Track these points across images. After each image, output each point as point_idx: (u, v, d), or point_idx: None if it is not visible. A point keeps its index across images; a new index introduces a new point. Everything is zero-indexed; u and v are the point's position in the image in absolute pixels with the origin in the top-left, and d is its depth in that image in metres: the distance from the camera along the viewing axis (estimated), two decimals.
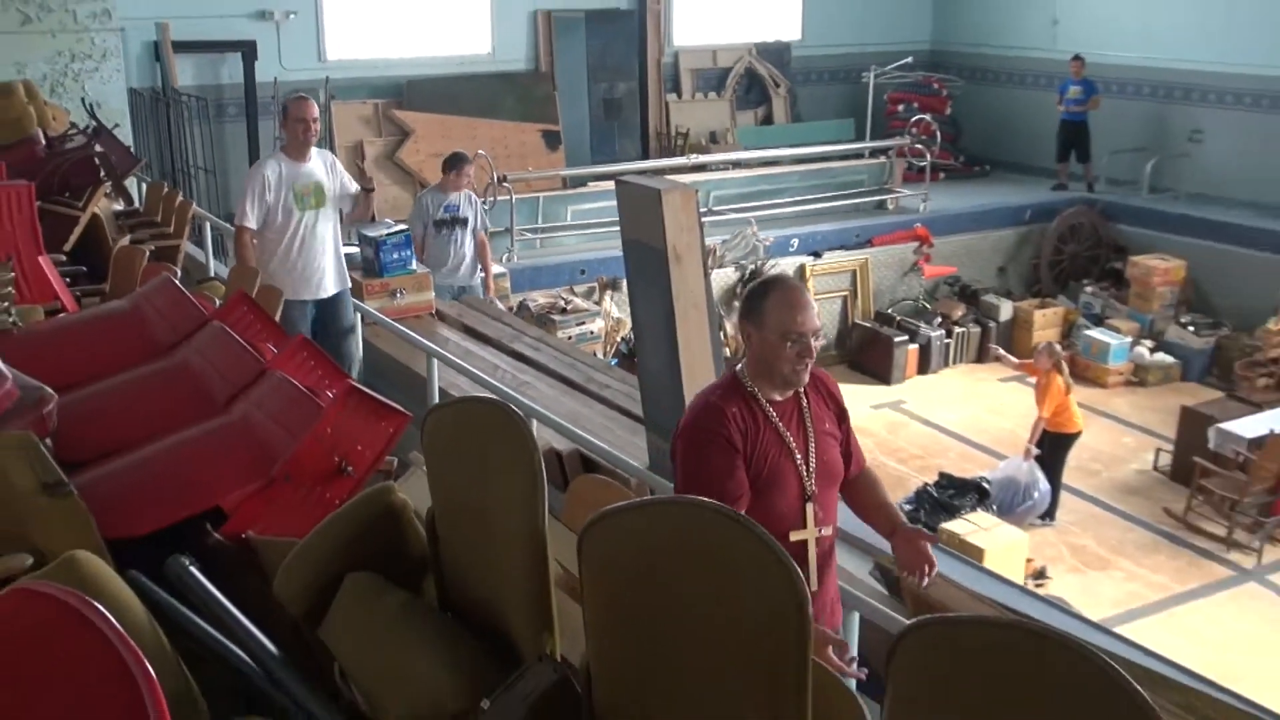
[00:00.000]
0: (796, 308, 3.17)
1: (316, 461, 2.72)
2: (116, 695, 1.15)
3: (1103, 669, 1.17)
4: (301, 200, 6.35)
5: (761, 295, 3.25)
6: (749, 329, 3.26)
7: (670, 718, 1.63)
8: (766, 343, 3.18)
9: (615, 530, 1.67)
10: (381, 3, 14.00)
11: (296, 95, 6.67)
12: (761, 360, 3.23)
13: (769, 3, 16.47)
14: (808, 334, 3.17)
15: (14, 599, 1.30)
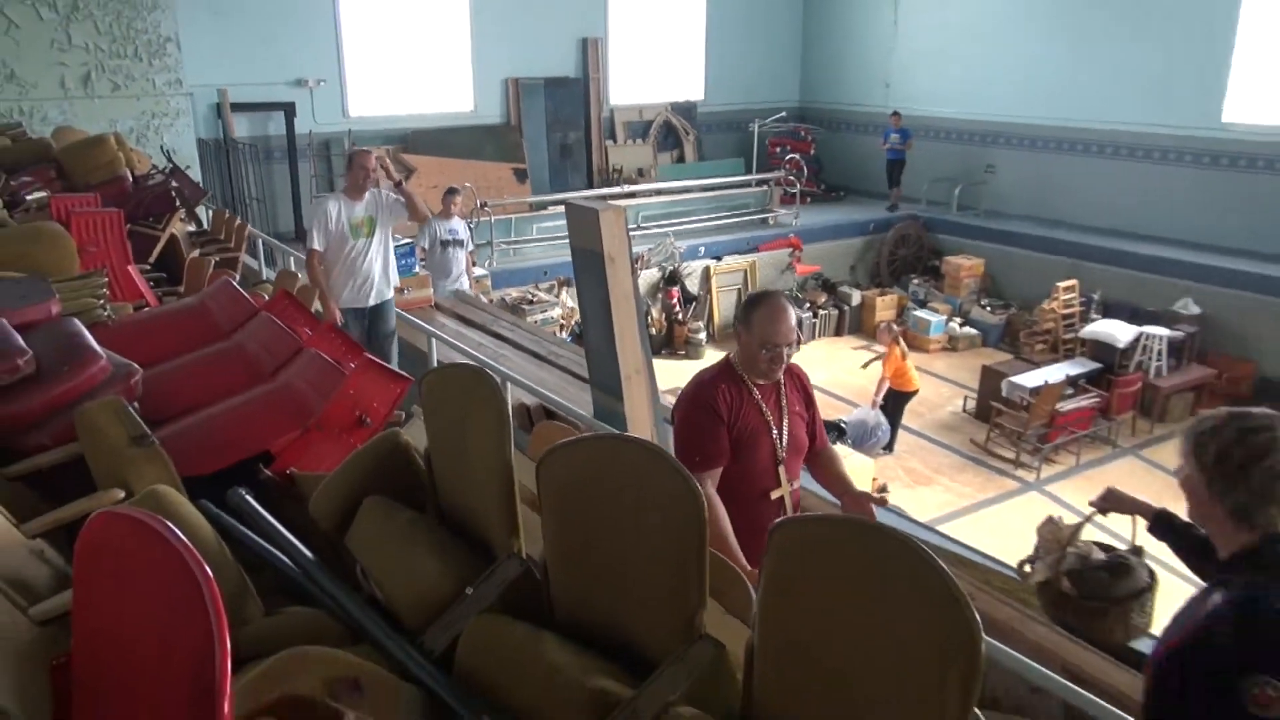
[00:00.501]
0: (775, 324, 3.06)
1: (342, 415, 2.68)
2: (182, 590, 1.12)
3: (915, 550, 1.17)
4: (356, 230, 6.23)
5: (753, 306, 3.13)
6: (740, 330, 3.16)
7: (605, 595, 1.62)
8: (749, 345, 3.10)
9: (563, 459, 1.66)
10: (389, 73, 13.82)
11: (362, 149, 6.57)
12: (745, 356, 3.14)
13: (680, 71, 16.40)
14: (781, 345, 3.08)
15: (100, 520, 1.26)
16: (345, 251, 6.24)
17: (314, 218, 6.33)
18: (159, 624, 1.18)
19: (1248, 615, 1.89)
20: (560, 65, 15.05)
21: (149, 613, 1.20)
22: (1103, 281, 12.57)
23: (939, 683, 1.16)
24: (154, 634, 1.18)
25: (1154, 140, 12.96)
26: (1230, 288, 11.56)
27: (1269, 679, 1.79)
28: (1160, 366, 11.10)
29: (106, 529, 1.25)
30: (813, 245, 14.45)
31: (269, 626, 1.80)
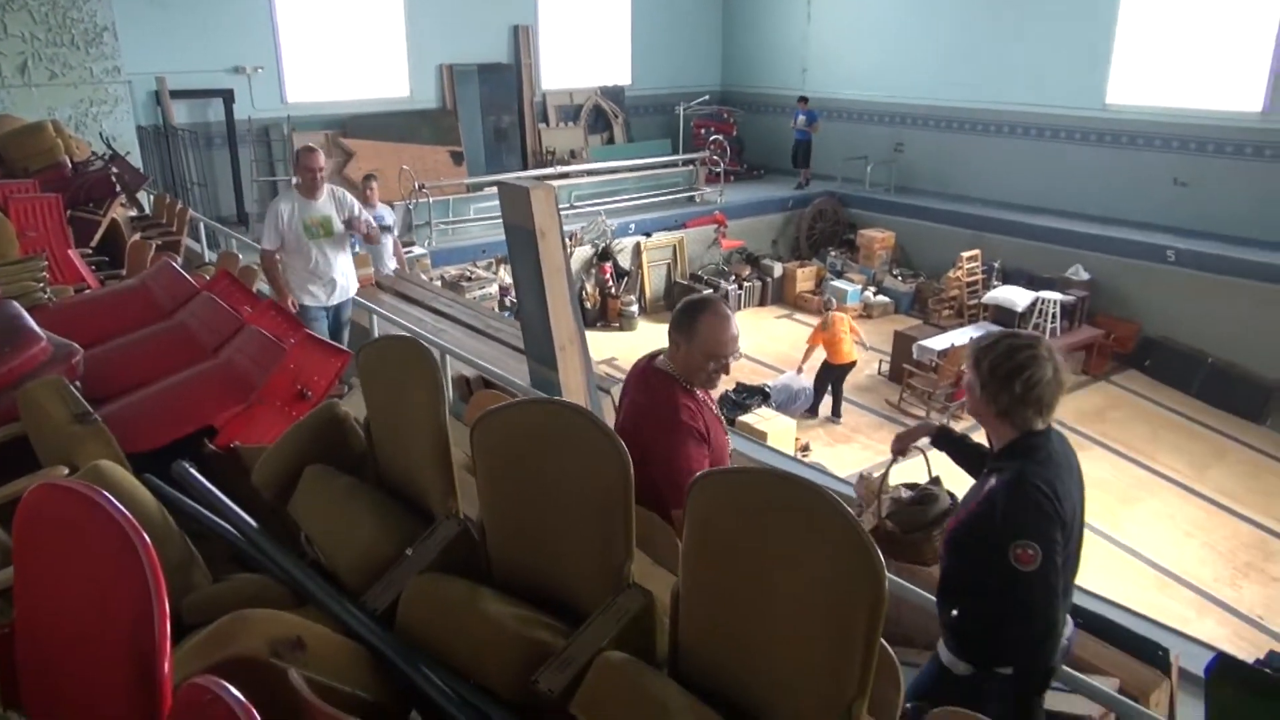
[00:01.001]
0: (722, 333, 2.66)
1: (283, 389, 2.62)
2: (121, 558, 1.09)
3: (825, 498, 1.19)
4: (310, 230, 5.70)
5: (694, 315, 2.67)
6: (679, 339, 2.68)
7: (539, 551, 1.62)
8: (692, 357, 2.66)
9: (496, 423, 1.65)
10: (326, 60, 13.45)
11: (306, 147, 5.96)
12: (685, 367, 2.69)
13: (608, 57, 16.26)
14: (729, 357, 2.72)
15: (38, 492, 1.22)
16: (302, 251, 5.75)
17: (266, 217, 5.89)
18: (99, 591, 1.14)
19: (1015, 491, 2.24)
20: (493, 52, 14.81)
21: (89, 581, 1.16)
22: (1002, 251, 12.84)
23: (848, 618, 1.18)
24: (94, 601, 1.15)
25: (1045, 120, 13.23)
26: (1116, 255, 11.90)
27: (1029, 541, 2.18)
28: (1055, 328, 11.39)
29: (45, 501, 1.21)
30: (737, 221, 14.49)
31: (215, 593, 1.77)
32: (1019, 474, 2.26)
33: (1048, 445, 2.33)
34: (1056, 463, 2.31)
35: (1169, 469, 9.30)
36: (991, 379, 2.32)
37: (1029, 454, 2.30)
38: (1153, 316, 11.64)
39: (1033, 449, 2.31)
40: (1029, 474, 2.25)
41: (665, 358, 2.78)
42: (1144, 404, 10.89)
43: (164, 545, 1.88)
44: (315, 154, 5.78)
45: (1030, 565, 2.18)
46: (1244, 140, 11.40)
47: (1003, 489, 2.27)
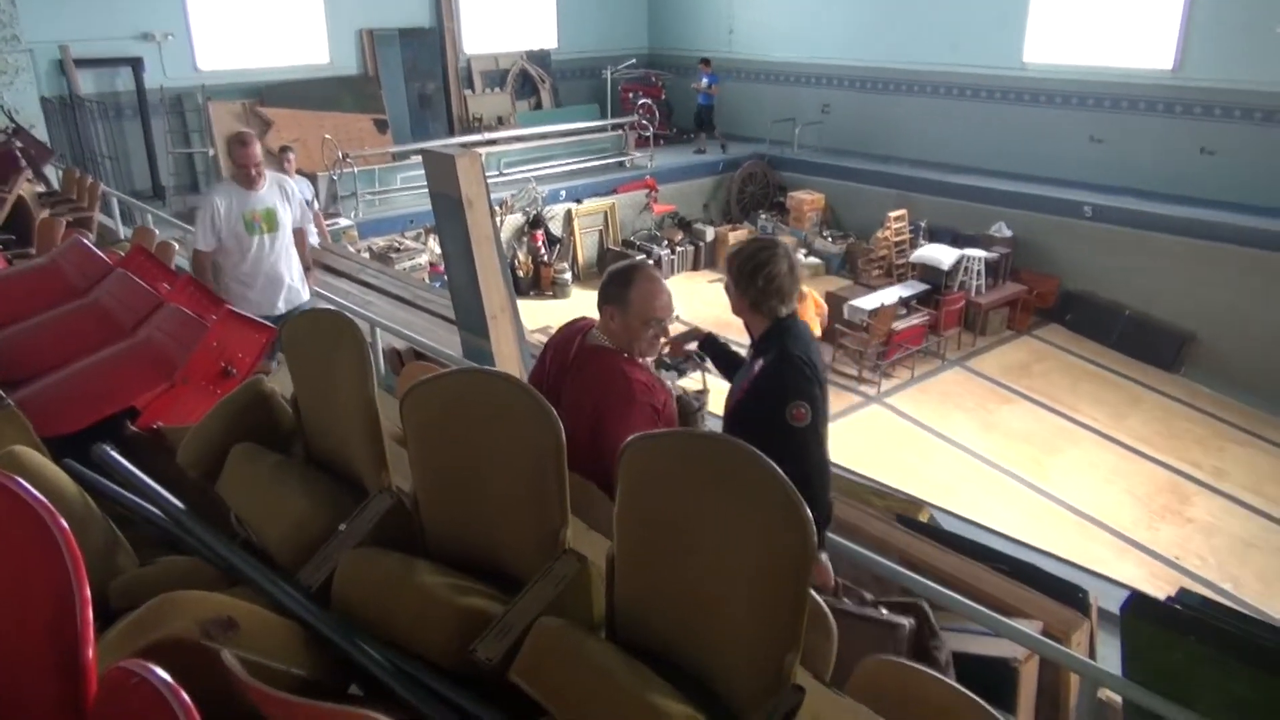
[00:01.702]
0: (657, 297, 2.64)
1: (207, 367, 2.56)
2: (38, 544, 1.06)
3: (752, 456, 1.21)
4: (251, 226, 5.00)
5: (625, 283, 2.63)
6: (613, 311, 2.63)
7: (473, 520, 1.62)
8: (629, 326, 2.62)
9: (425, 394, 1.64)
10: (240, 25, 13.00)
11: (238, 135, 5.16)
12: (622, 337, 2.65)
13: (533, 21, 16.01)
14: (665, 319, 2.69)
15: None
16: (241, 251, 5.02)
17: (199, 213, 5.11)
18: (17, 580, 1.11)
19: (782, 364, 2.72)
20: (414, 15, 14.47)
21: (6, 569, 1.13)
22: (928, 210, 13.06)
23: (777, 574, 1.20)
24: (12, 590, 1.12)
25: (966, 79, 13.44)
26: (1036, 211, 12.20)
27: (801, 401, 2.67)
28: (980, 285, 11.67)
29: None
30: (667, 185, 14.47)
31: (142, 576, 1.73)
32: (781, 350, 2.74)
33: (795, 326, 2.83)
34: (806, 339, 2.84)
35: (1089, 418, 9.64)
36: (741, 276, 2.81)
37: (783, 335, 2.79)
38: (1073, 271, 11.98)
39: (785, 330, 2.81)
40: (790, 348, 2.75)
41: (598, 331, 2.71)
42: (1065, 356, 11.25)
43: (86, 531, 1.83)
44: (250, 146, 5.01)
45: (803, 421, 2.69)
46: (1156, 97, 11.73)
47: (772, 364, 2.73)
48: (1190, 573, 7.23)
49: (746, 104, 16.10)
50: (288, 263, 5.19)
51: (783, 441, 2.63)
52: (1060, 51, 12.51)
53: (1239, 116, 11.09)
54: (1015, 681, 2.89)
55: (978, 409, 9.92)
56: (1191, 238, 10.82)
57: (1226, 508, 8.21)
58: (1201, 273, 10.72)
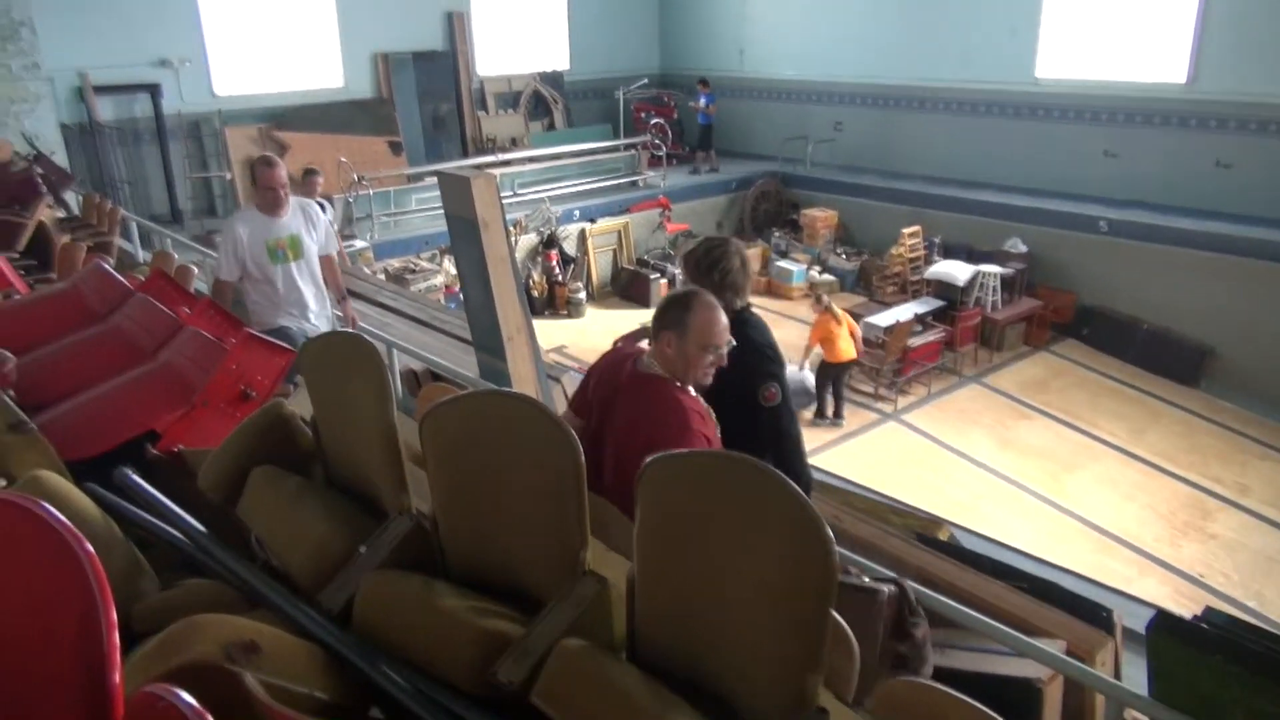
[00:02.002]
0: (716, 324, 2.58)
1: (226, 390, 2.57)
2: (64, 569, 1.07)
3: (773, 477, 1.21)
4: (275, 254, 4.84)
5: (685, 309, 2.57)
6: (669, 337, 2.57)
7: (494, 542, 1.62)
8: (687, 353, 2.56)
9: (444, 416, 1.64)
10: (256, 51, 13.17)
11: (263, 157, 4.99)
12: (677, 364, 2.58)
13: (545, 42, 16.14)
14: (724, 346, 2.62)
15: None
16: (267, 279, 4.86)
17: (221, 242, 4.96)
18: (43, 604, 1.12)
19: (749, 352, 2.90)
20: (427, 39, 14.62)
21: (31, 595, 1.14)
22: (942, 226, 13.05)
23: (800, 597, 1.20)
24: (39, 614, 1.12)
25: (978, 95, 13.46)
26: (1051, 226, 12.18)
27: (771, 383, 2.96)
28: (995, 301, 11.63)
29: None
30: (681, 204, 14.53)
31: (165, 600, 1.73)
32: (745, 340, 2.90)
33: (753, 318, 3.10)
34: (764, 328, 3.12)
35: (1108, 434, 9.57)
36: (697, 272, 3.05)
37: (744, 325, 2.98)
38: (1089, 286, 11.93)
39: (745, 322, 3.03)
40: (752, 337, 2.99)
41: (649, 359, 2.65)
42: (1083, 372, 11.19)
43: (109, 554, 1.84)
44: (276, 169, 4.86)
45: (775, 400, 2.97)
46: (1169, 111, 11.71)
47: (737, 353, 2.80)
48: (1214, 590, 7.15)
49: (758, 123, 16.16)
50: (313, 290, 5.06)
51: (759, 421, 2.98)
52: (1073, 66, 12.51)
53: (1255, 129, 11.05)
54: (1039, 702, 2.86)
55: (995, 425, 9.87)
56: (1209, 251, 10.77)
57: (1250, 524, 8.13)
58: (1220, 286, 10.65)
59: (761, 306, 11.02)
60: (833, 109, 15.32)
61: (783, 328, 11.92)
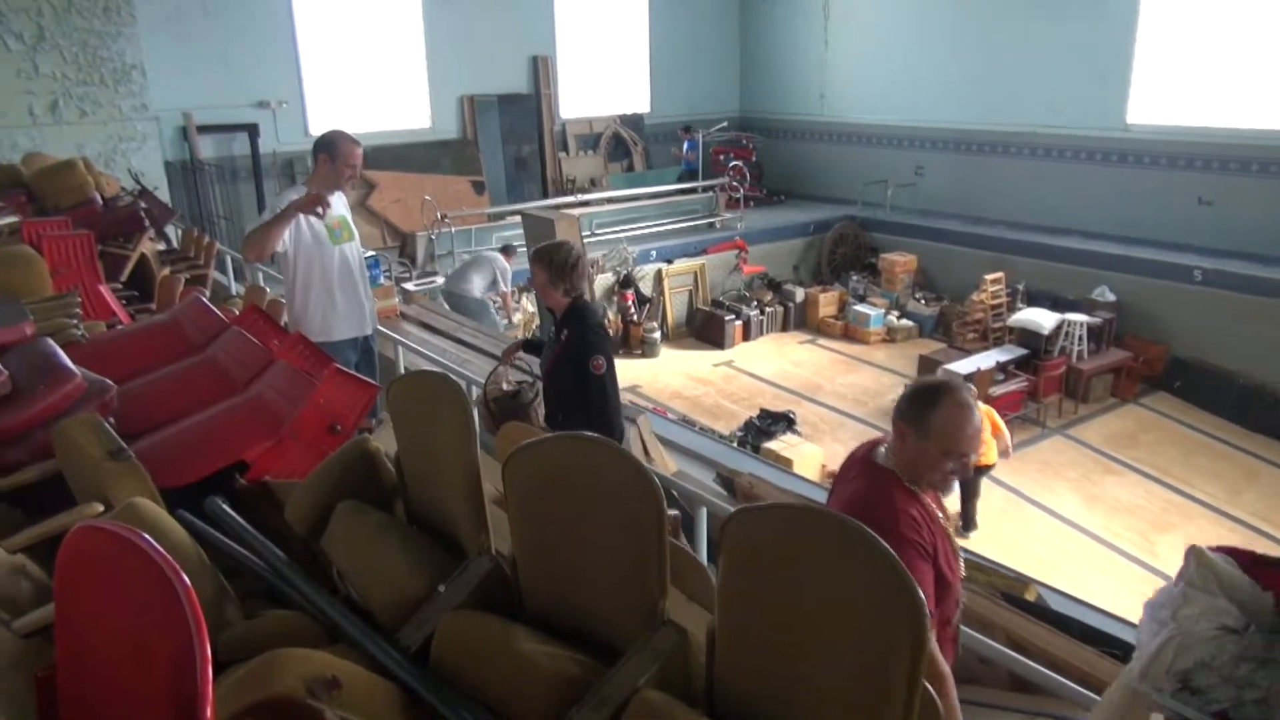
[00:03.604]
0: (966, 428, 2.31)
1: (314, 423, 2.63)
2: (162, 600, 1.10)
3: (862, 534, 1.18)
4: (334, 233, 4.62)
5: (931, 404, 2.32)
6: (907, 431, 2.34)
7: (572, 587, 1.61)
8: (925, 453, 2.32)
9: (528, 458, 1.65)
10: (349, 92, 13.67)
11: (345, 135, 4.62)
12: (913, 465, 2.35)
13: (627, 86, 16.40)
14: (970, 455, 2.36)
15: (79, 534, 1.23)
16: (324, 264, 4.59)
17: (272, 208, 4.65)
18: (140, 633, 1.15)
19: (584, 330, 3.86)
20: (513, 82, 14.98)
21: (130, 623, 1.17)
22: (1026, 273, 12.78)
23: (889, 658, 1.16)
24: (136, 643, 1.15)
25: (1066, 141, 13.20)
26: (1142, 275, 11.81)
27: (599, 355, 3.80)
28: (1082, 351, 11.30)
29: (86, 542, 1.22)
30: (757, 246, 14.52)
31: (248, 630, 1.77)
32: (582, 321, 3.86)
33: (588, 306, 3.96)
34: (594, 310, 3.99)
35: (1202, 493, 9.17)
36: (550, 268, 3.87)
37: (582, 310, 3.91)
38: (1181, 337, 11.52)
39: (582, 308, 3.93)
40: (588, 317, 3.91)
41: (887, 450, 2.44)
42: (1175, 426, 10.76)
43: (199, 582, 1.88)
44: (359, 147, 4.63)
45: (601, 370, 3.81)
46: (1269, 158, 11.32)
47: (574, 332, 3.80)
48: None
49: (837, 166, 16.11)
50: (364, 278, 4.86)
51: (588, 386, 3.84)
52: (1165, 112, 12.20)
53: None
54: None
55: (1081, 480, 9.53)
56: None
57: None
58: None
59: (837, 350, 10.97)
60: (913, 153, 15.20)
61: (858, 372, 11.78)
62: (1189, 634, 1.65)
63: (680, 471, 5.44)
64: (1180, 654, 1.63)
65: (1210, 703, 1.62)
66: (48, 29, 10.06)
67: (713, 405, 11.32)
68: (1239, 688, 1.60)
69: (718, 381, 12.09)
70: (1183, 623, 1.67)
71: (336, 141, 4.56)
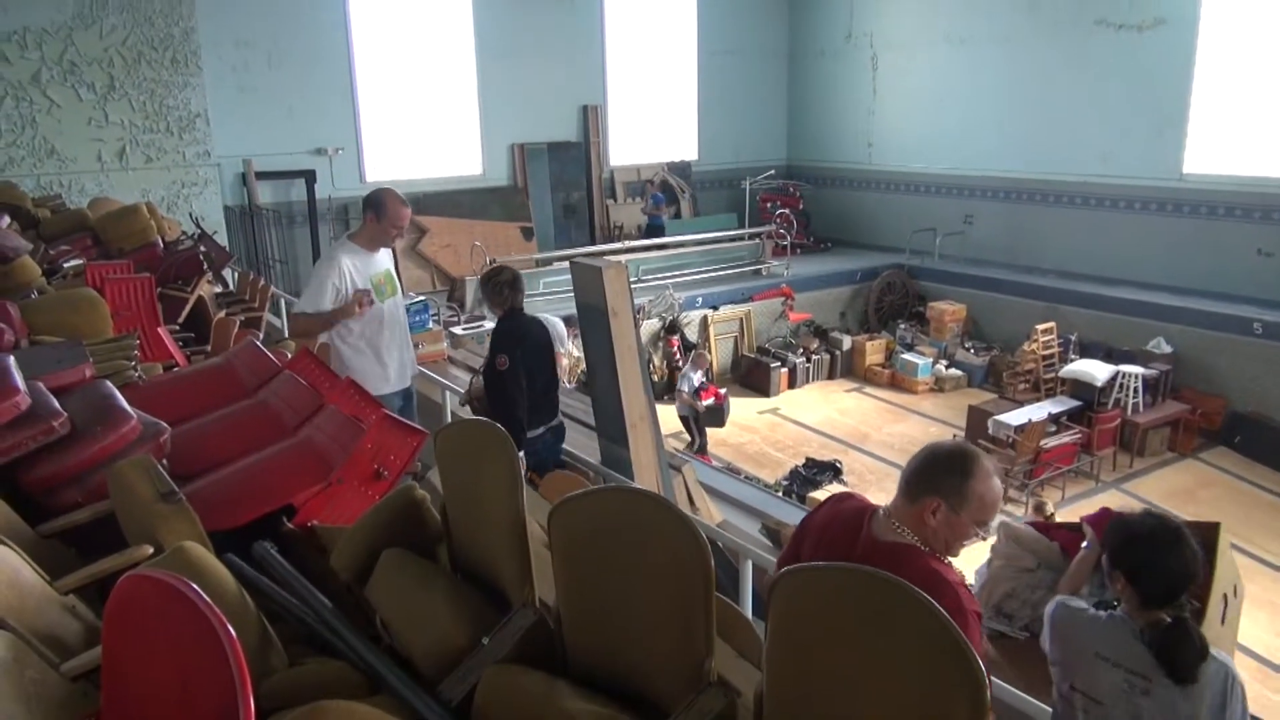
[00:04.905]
0: (998, 497, 2.24)
1: (361, 468, 2.65)
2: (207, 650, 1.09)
3: (917, 598, 1.15)
4: (379, 290, 4.67)
5: (964, 474, 2.20)
6: (937, 505, 2.20)
7: (617, 643, 1.59)
8: (959, 525, 2.21)
9: (574, 511, 1.64)
10: (404, 140, 13.97)
11: (395, 195, 4.75)
12: (941, 536, 2.23)
13: (675, 134, 16.57)
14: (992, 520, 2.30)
15: (128, 582, 1.24)
16: (375, 320, 4.66)
17: (316, 272, 4.73)
18: (185, 681, 1.15)
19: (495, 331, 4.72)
20: (563, 130, 15.21)
21: (176, 671, 1.17)
22: (1079, 323, 12.56)
23: None
24: (180, 691, 1.15)
25: (1120, 191, 13.03)
26: (1199, 327, 11.54)
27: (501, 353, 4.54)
28: (1137, 403, 11.04)
29: (134, 591, 1.23)
30: (804, 294, 14.47)
31: (291, 678, 1.76)
32: (497, 328, 4.67)
33: (518, 316, 4.69)
34: (524, 322, 4.73)
35: (1265, 551, 8.85)
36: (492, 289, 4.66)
37: (503, 320, 4.66)
38: (1240, 391, 11.21)
39: (506, 317, 4.66)
40: (500, 325, 4.67)
41: (893, 521, 2.26)
42: (1235, 483, 10.43)
43: (243, 629, 1.88)
44: (408, 209, 4.83)
45: (504, 366, 4.50)
46: None
47: (492, 337, 4.67)
48: None
49: (885, 214, 16.06)
50: (406, 329, 5.00)
51: (494, 379, 4.56)
52: (1223, 162, 11.99)
53: None
54: None
55: None
56: None
57: None
58: None
59: (884, 399, 10.87)
60: (962, 201, 15.11)
61: (906, 422, 11.62)
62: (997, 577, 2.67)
63: (725, 522, 5.38)
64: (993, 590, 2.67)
65: (1016, 620, 2.68)
66: (118, 79, 10.46)
67: (758, 453, 11.22)
68: (1034, 608, 2.59)
69: (763, 429, 12.00)
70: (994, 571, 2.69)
71: (386, 202, 4.68)
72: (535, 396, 4.59)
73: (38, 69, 10.07)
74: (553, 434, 4.74)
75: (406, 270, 12.22)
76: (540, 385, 4.65)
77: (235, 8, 12.10)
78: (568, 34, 14.93)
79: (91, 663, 1.66)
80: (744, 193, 15.91)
